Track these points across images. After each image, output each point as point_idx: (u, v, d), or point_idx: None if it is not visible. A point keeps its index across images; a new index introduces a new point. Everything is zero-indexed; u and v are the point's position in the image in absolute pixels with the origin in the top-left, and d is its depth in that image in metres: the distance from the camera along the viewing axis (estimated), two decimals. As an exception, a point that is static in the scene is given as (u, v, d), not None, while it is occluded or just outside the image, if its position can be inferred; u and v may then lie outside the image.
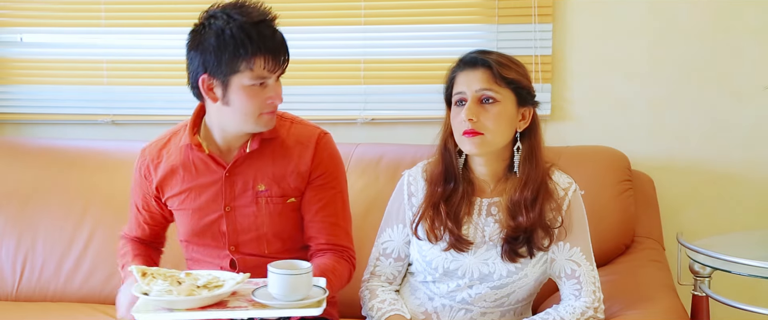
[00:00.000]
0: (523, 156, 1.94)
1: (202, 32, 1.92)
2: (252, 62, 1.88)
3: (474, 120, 1.89)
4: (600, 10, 2.82)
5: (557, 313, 1.91)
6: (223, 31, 1.87)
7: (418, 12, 2.91)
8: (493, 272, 1.94)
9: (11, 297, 2.71)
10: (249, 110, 1.93)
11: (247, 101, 1.91)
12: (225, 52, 1.87)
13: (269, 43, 1.90)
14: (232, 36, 1.87)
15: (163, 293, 1.72)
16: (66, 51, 3.09)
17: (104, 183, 2.75)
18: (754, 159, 2.80)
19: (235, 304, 1.74)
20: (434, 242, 1.98)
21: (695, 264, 2.36)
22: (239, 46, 1.86)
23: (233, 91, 1.91)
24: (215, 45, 1.88)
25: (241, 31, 1.87)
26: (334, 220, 2.07)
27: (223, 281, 1.79)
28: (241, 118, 1.95)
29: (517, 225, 1.92)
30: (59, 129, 3.12)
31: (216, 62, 1.89)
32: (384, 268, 2.06)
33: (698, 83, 2.80)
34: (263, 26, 1.89)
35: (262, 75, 1.90)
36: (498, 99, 1.90)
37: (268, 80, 1.92)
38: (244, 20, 1.87)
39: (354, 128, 2.94)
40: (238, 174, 2.04)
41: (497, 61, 1.91)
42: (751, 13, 2.75)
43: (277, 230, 2.06)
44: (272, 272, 1.72)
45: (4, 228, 2.73)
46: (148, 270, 1.80)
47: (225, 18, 1.89)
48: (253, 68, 1.88)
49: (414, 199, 2.03)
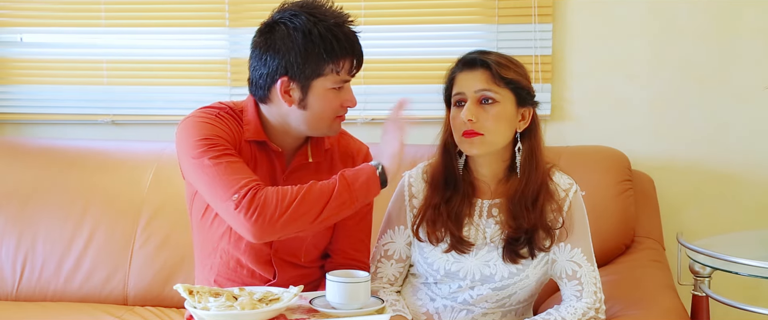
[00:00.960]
0: (523, 156, 1.94)
1: (284, 32, 1.84)
2: (339, 64, 1.84)
3: (473, 120, 1.88)
4: (600, 10, 2.82)
5: (559, 314, 1.91)
6: (311, 32, 1.81)
7: (418, 12, 2.91)
8: (495, 273, 1.94)
9: (11, 297, 2.70)
10: (326, 114, 1.89)
11: (327, 105, 1.87)
12: (312, 53, 1.81)
13: (356, 45, 1.87)
14: (320, 37, 1.81)
15: (223, 308, 1.68)
16: (66, 51, 3.09)
17: (104, 183, 2.75)
18: (754, 159, 2.80)
19: (296, 317, 1.75)
20: (435, 244, 1.97)
21: (695, 264, 2.36)
22: (329, 47, 1.81)
23: (314, 94, 1.86)
24: (302, 45, 1.81)
25: (329, 32, 1.82)
26: (363, 236, 2.09)
27: (277, 295, 1.77)
28: (315, 122, 1.90)
29: (517, 226, 1.92)
30: (59, 129, 3.12)
31: (301, 64, 1.82)
32: (385, 270, 2.06)
33: (698, 83, 2.80)
34: (347, 27, 1.86)
35: (345, 78, 1.86)
36: (497, 99, 1.89)
37: (346, 83, 1.89)
38: (331, 21, 1.82)
39: (354, 128, 2.92)
40: (296, 178, 1.95)
41: (496, 62, 1.91)
42: (751, 14, 2.75)
43: (318, 239, 2.04)
44: (333, 281, 1.73)
45: (4, 228, 2.73)
46: (193, 288, 1.74)
47: (309, 18, 1.82)
48: (339, 71, 1.84)
49: (415, 201, 2.03)
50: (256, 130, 1.94)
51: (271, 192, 1.77)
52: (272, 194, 1.76)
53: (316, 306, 1.76)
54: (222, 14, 2.98)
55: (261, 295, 1.76)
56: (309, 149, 2.00)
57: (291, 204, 1.76)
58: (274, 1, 1.97)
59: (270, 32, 1.87)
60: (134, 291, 2.65)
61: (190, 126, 1.89)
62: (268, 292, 1.78)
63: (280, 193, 1.77)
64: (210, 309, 1.69)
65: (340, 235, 2.07)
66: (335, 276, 1.75)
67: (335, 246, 2.08)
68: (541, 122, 2.00)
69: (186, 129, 1.89)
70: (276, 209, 1.75)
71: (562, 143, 2.72)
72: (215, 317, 1.68)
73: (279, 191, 1.77)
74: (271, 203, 1.75)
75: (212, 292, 1.74)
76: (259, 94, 1.92)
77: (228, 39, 2.99)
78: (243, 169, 1.82)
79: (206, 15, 3.00)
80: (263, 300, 1.74)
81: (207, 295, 1.73)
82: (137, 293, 2.65)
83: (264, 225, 1.75)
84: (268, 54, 1.86)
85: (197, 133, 1.86)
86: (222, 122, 1.90)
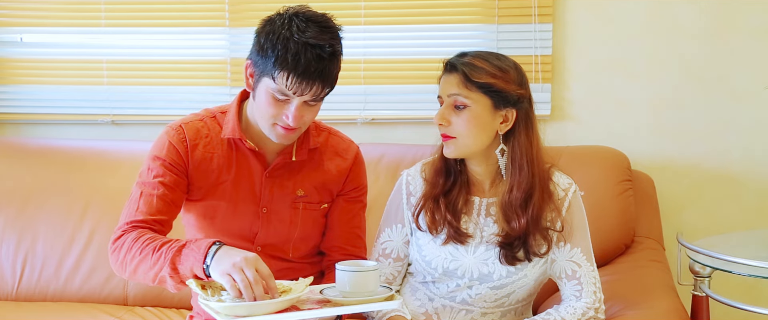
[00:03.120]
0: (507, 159, 1.93)
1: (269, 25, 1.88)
2: (276, 73, 1.84)
3: (444, 125, 1.90)
4: (600, 10, 2.82)
5: (558, 314, 1.91)
6: (280, 35, 1.83)
7: (418, 12, 2.91)
8: (493, 272, 1.94)
9: (11, 297, 2.70)
10: (264, 113, 1.90)
11: (264, 104, 1.89)
12: (267, 51, 1.84)
13: (304, 69, 1.82)
14: (282, 42, 1.82)
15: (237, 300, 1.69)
16: (66, 51, 3.09)
17: (104, 183, 2.75)
18: (754, 159, 2.80)
19: (308, 307, 1.77)
20: (435, 234, 1.98)
21: (695, 264, 2.36)
22: (280, 54, 1.82)
23: (260, 88, 1.89)
24: (266, 41, 1.85)
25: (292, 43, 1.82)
26: (358, 232, 2.12)
27: (287, 286, 1.79)
28: (259, 118, 1.94)
29: (510, 229, 1.92)
30: (59, 129, 3.12)
31: (261, 55, 1.86)
32: (383, 269, 2.06)
33: (698, 83, 2.80)
34: (312, 52, 1.82)
35: (282, 91, 1.86)
36: (467, 104, 1.89)
37: (291, 99, 1.87)
38: (305, 36, 1.82)
39: (354, 128, 2.93)
40: (278, 176, 2.02)
41: (469, 65, 1.90)
42: (751, 13, 2.75)
43: (306, 235, 2.07)
44: (343, 270, 1.76)
45: (4, 228, 2.73)
46: (204, 282, 1.76)
47: (293, 25, 1.84)
48: (275, 79, 1.85)
49: (413, 199, 2.03)
50: (232, 128, 1.99)
51: (127, 242, 1.89)
52: (126, 245, 1.88)
53: (328, 295, 1.79)
54: (222, 14, 2.98)
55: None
56: (294, 148, 2.02)
57: (132, 261, 1.87)
58: (274, 1, 1.97)
59: (269, 20, 1.91)
60: (134, 291, 2.65)
61: (157, 139, 2.04)
62: (279, 284, 1.79)
63: (131, 248, 1.87)
64: (225, 301, 1.70)
65: (335, 233, 2.10)
66: (345, 265, 1.78)
67: (331, 244, 2.10)
68: (541, 122, 2.00)
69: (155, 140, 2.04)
70: (123, 260, 1.88)
71: (562, 143, 2.72)
72: (231, 309, 1.69)
73: (133, 245, 1.87)
74: (121, 253, 1.89)
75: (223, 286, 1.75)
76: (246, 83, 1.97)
77: (228, 39, 2.99)
78: (148, 205, 1.94)
79: (206, 15, 3.00)
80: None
81: (219, 289, 1.75)
82: (137, 293, 2.65)
83: (115, 267, 1.93)
84: (253, 40, 1.91)
85: (153, 149, 2.02)
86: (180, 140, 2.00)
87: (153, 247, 1.84)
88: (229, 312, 1.68)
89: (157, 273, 1.83)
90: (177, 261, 1.80)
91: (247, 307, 1.68)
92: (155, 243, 1.85)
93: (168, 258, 1.80)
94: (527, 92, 1.94)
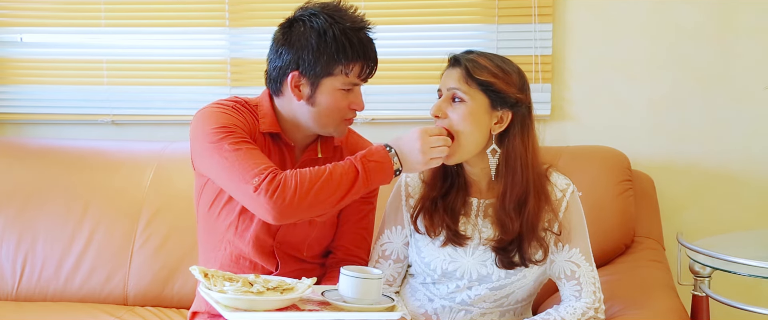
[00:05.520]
0: (500, 160, 1.92)
1: (301, 30, 1.90)
2: (349, 67, 1.89)
3: (440, 116, 1.90)
4: (600, 10, 2.82)
5: (558, 314, 1.91)
6: (326, 32, 1.87)
7: (418, 12, 2.91)
8: (492, 273, 1.94)
9: (11, 297, 2.71)
10: (333, 113, 1.93)
11: (333, 104, 1.92)
12: (324, 53, 1.87)
13: (369, 51, 1.92)
14: (334, 38, 1.87)
15: (239, 292, 1.70)
16: (66, 51, 3.09)
17: (104, 184, 2.75)
18: (754, 159, 2.80)
19: (308, 307, 1.77)
20: (433, 236, 1.98)
21: (695, 264, 2.36)
22: (341, 49, 1.87)
23: (322, 91, 1.91)
24: (315, 44, 1.88)
25: (343, 35, 1.87)
26: (365, 234, 2.12)
27: (291, 285, 1.79)
28: (322, 120, 1.95)
29: (504, 233, 1.91)
30: (59, 129, 3.12)
31: (312, 61, 1.88)
32: (383, 270, 2.06)
33: (698, 83, 2.80)
34: (363, 33, 1.91)
35: (354, 81, 1.91)
36: (465, 99, 1.89)
37: (356, 87, 1.93)
38: (347, 25, 1.88)
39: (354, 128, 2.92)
40: None
41: (473, 61, 1.90)
42: (751, 14, 2.75)
43: (322, 235, 2.08)
44: (348, 275, 1.75)
45: (4, 228, 2.73)
46: (208, 271, 1.77)
47: (327, 19, 1.88)
48: (348, 73, 1.89)
49: (411, 200, 2.03)
50: (271, 122, 1.99)
51: (290, 175, 1.80)
52: (291, 177, 1.80)
53: (329, 298, 1.78)
54: (222, 14, 2.98)
55: (275, 284, 1.77)
56: (319, 145, 2.04)
57: (311, 188, 1.79)
58: (274, 1, 1.97)
59: (289, 28, 1.93)
60: (134, 291, 2.65)
61: (208, 115, 1.94)
62: (282, 282, 1.79)
63: (300, 176, 1.80)
64: (227, 292, 1.70)
65: (344, 232, 2.11)
66: (350, 271, 1.77)
67: (337, 243, 2.11)
68: (542, 122, 2.00)
69: (203, 118, 1.94)
70: (296, 191, 1.78)
71: (562, 143, 2.72)
72: (232, 301, 1.69)
73: (298, 174, 1.80)
74: (290, 185, 1.78)
75: (226, 277, 1.76)
76: (273, 87, 1.98)
77: (228, 39, 2.99)
78: (261, 156, 1.86)
79: (206, 15, 3.00)
80: (277, 288, 1.76)
81: (221, 280, 1.74)
82: (137, 293, 2.65)
83: (284, 206, 1.78)
84: (283, 48, 1.93)
85: (215, 121, 1.91)
86: (238, 113, 1.95)
87: (330, 172, 1.82)
88: (230, 303, 1.69)
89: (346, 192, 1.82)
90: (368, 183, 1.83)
91: (248, 301, 1.68)
92: (327, 170, 1.82)
93: (360, 179, 1.82)
94: (527, 98, 1.92)
